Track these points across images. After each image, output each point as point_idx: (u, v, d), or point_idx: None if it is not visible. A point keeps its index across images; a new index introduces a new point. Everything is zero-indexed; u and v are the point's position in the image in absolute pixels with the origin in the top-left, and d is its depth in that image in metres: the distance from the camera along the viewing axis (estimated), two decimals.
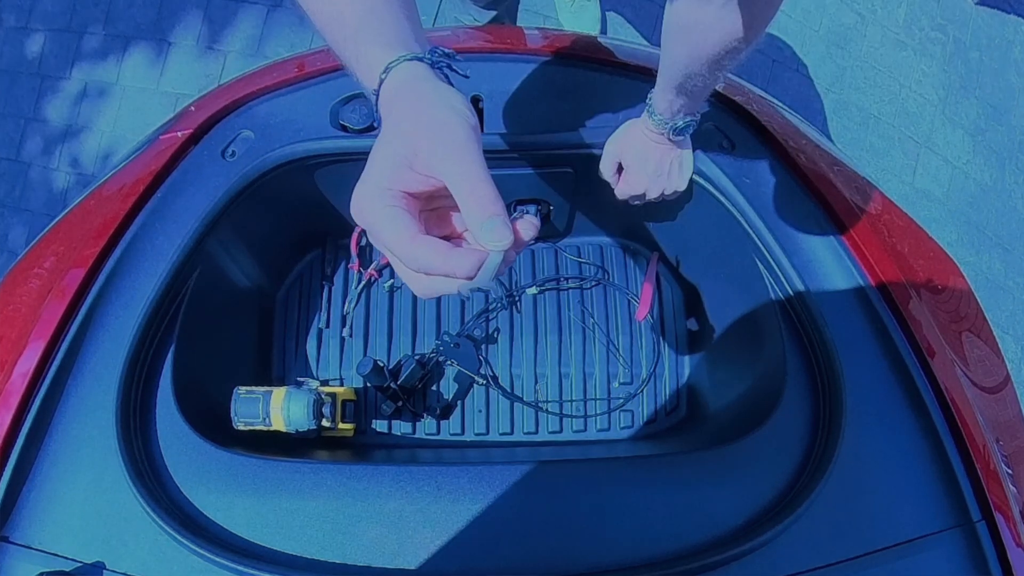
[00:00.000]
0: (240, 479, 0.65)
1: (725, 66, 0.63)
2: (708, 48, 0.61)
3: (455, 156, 0.38)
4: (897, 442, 0.67)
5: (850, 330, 0.72)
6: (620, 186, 0.82)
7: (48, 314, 0.71)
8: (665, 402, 1.00)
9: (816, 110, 1.94)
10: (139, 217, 0.77)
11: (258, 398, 0.80)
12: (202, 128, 0.83)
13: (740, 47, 0.60)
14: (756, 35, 0.59)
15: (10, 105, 1.96)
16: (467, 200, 0.38)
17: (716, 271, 0.94)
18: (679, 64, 0.64)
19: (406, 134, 0.40)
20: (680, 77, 0.66)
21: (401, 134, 0.40)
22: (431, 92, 0.41)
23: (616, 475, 0.66)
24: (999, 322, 1.95)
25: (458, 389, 0.99)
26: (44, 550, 0.63)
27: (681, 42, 0.63)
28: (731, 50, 0.60)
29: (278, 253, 1.00)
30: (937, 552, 0.63)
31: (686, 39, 0.62)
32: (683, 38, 0.62)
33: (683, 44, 0.63)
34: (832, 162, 0.84)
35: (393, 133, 0.41)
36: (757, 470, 0.66)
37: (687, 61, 0.63)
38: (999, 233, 2.00)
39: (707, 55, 0.61)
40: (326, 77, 0.84)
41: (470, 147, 0.39)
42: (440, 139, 0.39)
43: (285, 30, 1.90)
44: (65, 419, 0.68)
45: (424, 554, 0.62)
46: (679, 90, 0.67)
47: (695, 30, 0.60)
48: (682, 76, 0.65)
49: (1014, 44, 2.08)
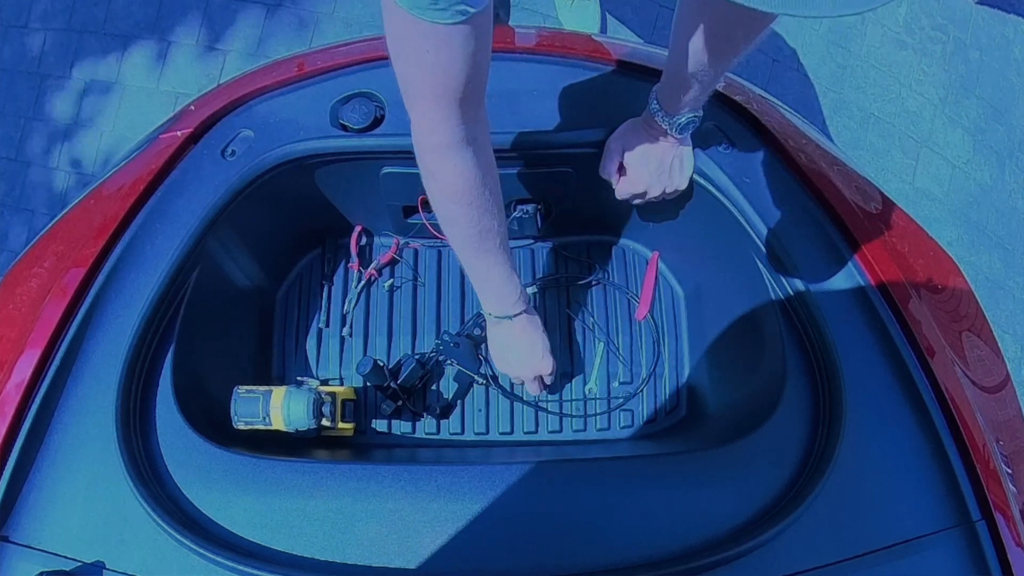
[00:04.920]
0: (240, 478, 0.65)
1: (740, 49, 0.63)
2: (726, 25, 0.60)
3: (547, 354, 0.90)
4: (897, 442, 0.67)
5: (850, 330, 0.72)
6: (621, 185, 0.82)
7: (48, 313, 0.71)
8: (665, 402, 1.00)
9: (816, 109, 1.94)
10: (139, 217, 0.77)
11: (258, 397, 0.80)
12: (202, 127, 0.83)
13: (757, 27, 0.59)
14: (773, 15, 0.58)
15: (10, 104, 1.96)
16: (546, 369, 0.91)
17: (716, 271, 0.94)
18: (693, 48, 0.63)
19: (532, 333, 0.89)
20: (693, 64, 0.65)
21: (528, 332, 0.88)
22: (533, 324, 0.89)
23: (616, 475, 0.66)
24: (999, 322, 1.95)
25: (458, 389, 0.99)
26: (44, 549, 0.63)
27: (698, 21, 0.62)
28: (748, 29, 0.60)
29: (278, 253, 1.00)
30: (937, 552, 0.63)
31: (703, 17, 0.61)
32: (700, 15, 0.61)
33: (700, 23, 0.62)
34: (832, 161, 0.84)
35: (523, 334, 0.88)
36: (757, 470, 0.66)
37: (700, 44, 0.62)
38: (999, 233, 2.00)
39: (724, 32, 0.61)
40: (326, 76, 0.84)
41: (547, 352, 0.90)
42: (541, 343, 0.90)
43: (285, 30, 1.90)
44: (65, 419, 0.68)
45: (424, 553, 0.62)
46: (689, 80, 0.67)
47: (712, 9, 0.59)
48: (694, 62, 0.64)
49: (1014, 44, 2.08)
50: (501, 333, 0.88)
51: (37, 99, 1.95)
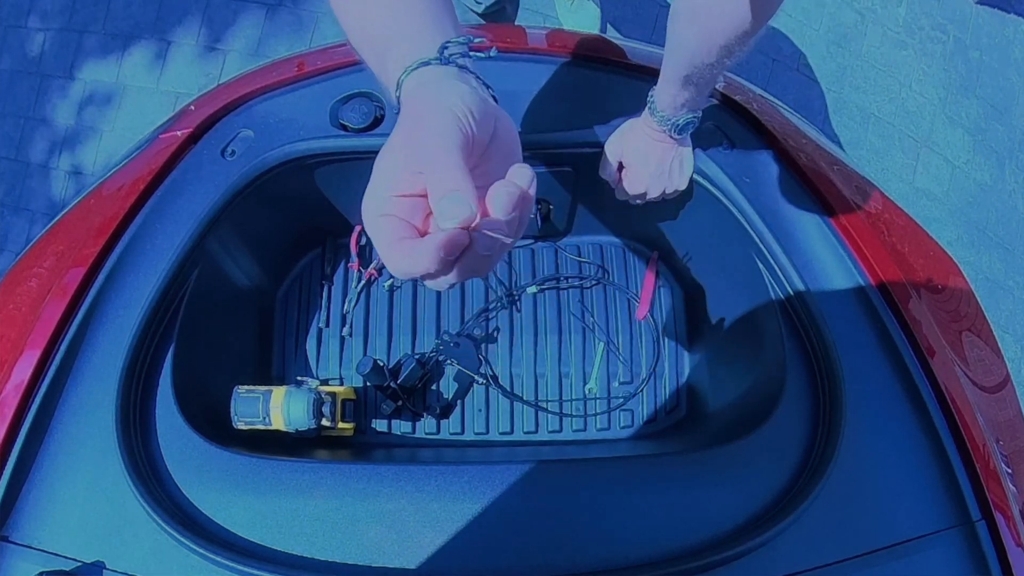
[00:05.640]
0: (240, 478, 0.65)
1: (734, 52, 0.62)
2: (719, 33, 0.60)
3: (434, 144, 0.36)
4: (897, 442, 0.67)
5: (850, 330, 0.72)
6: (621, 185, 0.82)
7: (48, 313, 0.71)
8: (665, 401, 1.00)
9: (816, 109, 1.94)
10: (139, 216, 0.77)
11: (258, 397, 0.80)
12: (202, 127, 0.83)
13: (751, 30, 0.59)
14: (767, 17, 0.58)
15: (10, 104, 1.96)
16: (431, 180, 0.35)
17: (716, 271, 0.94)
18: (687, 52, 0.64)
19: (405, 133, 0.39)
20: (687, 67, 0.65)
21: (396, 133, 0.40)
22: (434, 92, 0.41)
23: (616, 474, 0.66)
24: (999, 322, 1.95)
25: (458, 388, 0.99)
26: (44, 549, 0.63)
27: (691, 27, 0.62)
28: (742, 34, 0.60)
29: (278, 252, 1.00)
30: (937, 552, 0.63)
31: (696, 23, 0.61)
32: (693, 22, 0.62)
33: (693, 29, 0.62)
34: (832, 161, 0.84)
35: (395, 135, 0.40)
36: (757, 470, 0.66)
37: (695, 47, 0.62)
38: (999, 233, 2.00)
39: (717, 41, 0.61)
40: (326, 76, 0.84)
41: (449, 137, 0.37)
42: (426, 131, 0.37)
43: (285, 30, 1.90)
44: (65, 418, 0.68)
45: (424, 553, 0.62)
46: (685, 82, 0.67)
47: (706, 13, 0.60)
48: (689, 65, 0.65)
49: (1014, 44, 2.08)
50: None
51: (37, 99, 1.95)
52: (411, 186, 0.38)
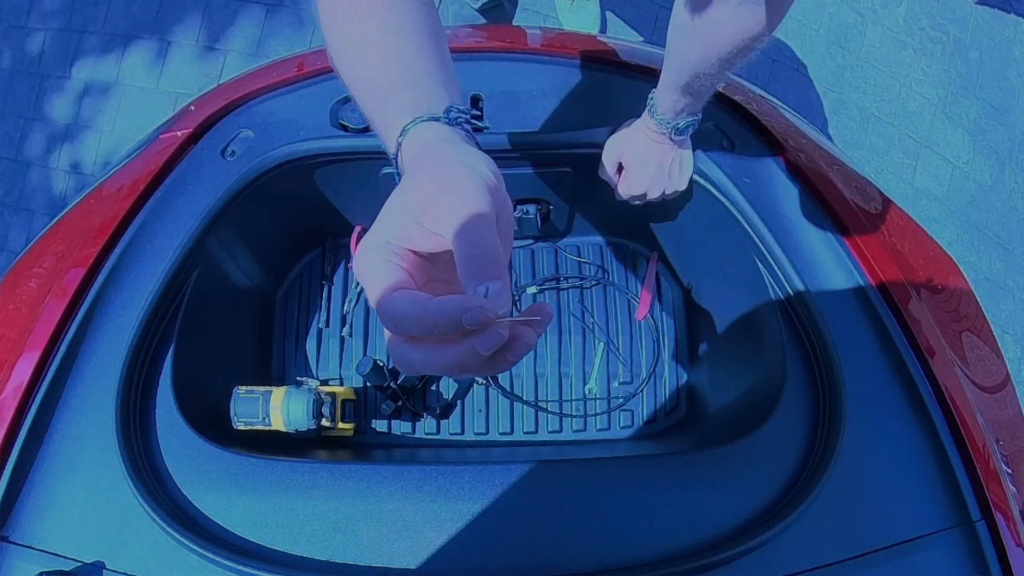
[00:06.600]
0: (240, 479, 0.65)
1: (735, 64, 0.62)
2: (720, 47, 0.60)
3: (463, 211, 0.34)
4: (897, 442, 0.67)
5: (850, 330, 0.72)
6: (621, 186, 0.82)
7: (48, 314, 0.71)
8: (665, 402, 1.00)
9: (816, 110, 1.94)
10: (139, 217, 0.77)
11: (257, 398, 0.80)
12: (202, 127, 0.83)
13: (752, 45, 0.59)
14: (769, 32, 0.58)
15: (10, 104, 1.96)
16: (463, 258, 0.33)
17: (716, 271, 0.94)
18: (688, 63, 0.64)
19: (421, 187, 0.36)
20: (687, 76, 0.65)
21: (415, 187, 0.37)
22: (451, 151, 0.39)
23: (616, 475, 0.66)
24: (999, 322, 1.95)
25: (458, 388, 0.98)
26: (44, 550, 0.63)
27: (691, 41, 0.62)
28: (743, 48, 0.60)
29: (278, 253, 1.00)
30: (937, 552, 0.63)
31: (697, 38, 0.61)
32: (694, 37, 0.61)
33: (694, 43, 0.62)
34: (832, 162, 0.84)
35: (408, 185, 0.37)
36: (757, 470, 0.66)
37: (696, 60, 0.62)
38: (999, 233, 2.00)
39: (718, 54, 0.61)
40: (326, 76, 0.84)
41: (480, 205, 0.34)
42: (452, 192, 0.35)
43: (285, 30, 1.90)
44: (65, 418, 0.68)
45: (424, 554, 0.62)
46: (684, 89, 0.67)
47: (708, 28, 0.59)
48: (689, 75, 0.65)
49: (1014, 44, 2.08)
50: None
51: (37, 99, 1.95)
52: (422, 244, 0.36)
